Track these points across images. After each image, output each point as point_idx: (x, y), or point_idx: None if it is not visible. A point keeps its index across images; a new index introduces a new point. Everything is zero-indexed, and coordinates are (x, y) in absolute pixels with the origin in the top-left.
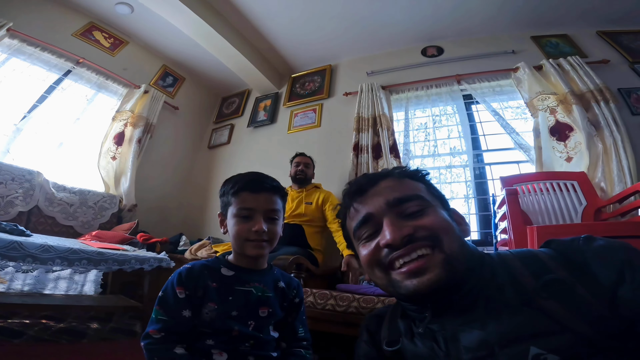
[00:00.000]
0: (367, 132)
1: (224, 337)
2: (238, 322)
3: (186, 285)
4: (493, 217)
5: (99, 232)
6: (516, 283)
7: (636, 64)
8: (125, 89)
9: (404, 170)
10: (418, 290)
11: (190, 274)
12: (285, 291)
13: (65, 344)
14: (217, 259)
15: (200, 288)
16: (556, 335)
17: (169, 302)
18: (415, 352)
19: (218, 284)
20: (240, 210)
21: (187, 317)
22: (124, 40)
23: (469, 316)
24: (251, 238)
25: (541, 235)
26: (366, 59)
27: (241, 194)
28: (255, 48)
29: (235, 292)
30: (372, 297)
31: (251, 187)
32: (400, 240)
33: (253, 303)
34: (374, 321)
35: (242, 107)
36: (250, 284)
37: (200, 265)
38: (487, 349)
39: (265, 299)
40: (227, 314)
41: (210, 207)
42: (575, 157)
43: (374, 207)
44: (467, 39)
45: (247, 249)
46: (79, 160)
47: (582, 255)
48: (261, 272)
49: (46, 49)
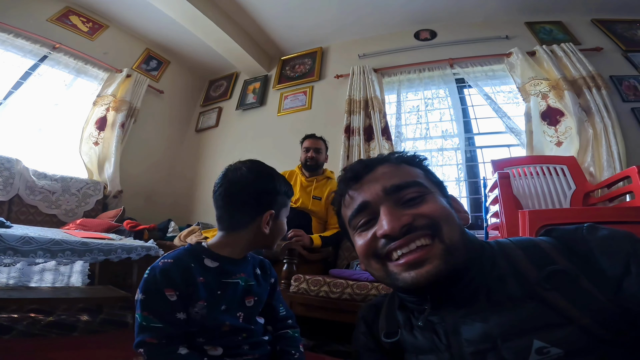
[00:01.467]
0: (358, 114)
1: (215, 333)
2: (228, 315)
3: (176, 285)
4: (484, 201)
5: (84, 220)
6: (518, 274)
7: (629, 52)
8: (106, 74)
9: (401, 155)
10: (416, 282)
11: (178, 270)
12: (262, 275)
13: (55, 337)
14: (196, 248)
15: (191, 285)
16: (559, 328)
17: (157, 307)
18: (414, 344)
19: (206, 279)
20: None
21: (183, 319)
22: (104, 24)
23: (470, 308)
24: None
25: (532, 219)
26: (358, 42)
27: (286, 199)
28: (243, 31)
29: (222, 285)
30: (365, 284)
31: (290, 194)
32: (399, 230)
33: (240, 294)
34: (371, 311)
35: (230, 90)
36: (237, 274)
37: (184, 257)
38: (489, 342)
39: (249, 288)
40: (217, 310)
41: (199, 192)
42: (565, 142)
43: (370, 194)
44: (460, 23)
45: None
46: (60, 147)
47: (586, 245)
48: (242, 261)
49: (20, 35)
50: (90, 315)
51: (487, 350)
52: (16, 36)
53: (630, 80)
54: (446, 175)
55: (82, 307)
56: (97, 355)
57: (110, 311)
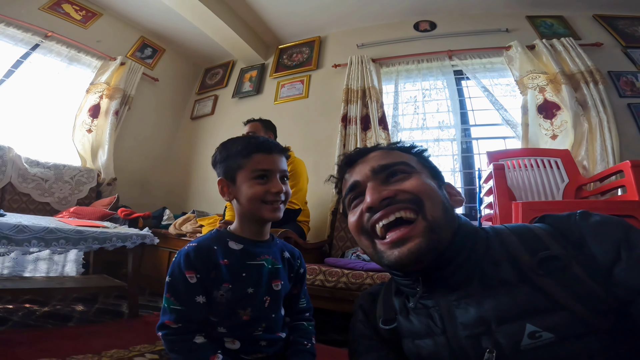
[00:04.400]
0: (356, 103)
1: (236, 322)
2: (254, 299)
3: (197, 268)
4: (478, 192)
5: (77, 209)
6: (512, 259)
7: (629, 48)
8: (100, 61)
9: (396, 143)
10: (400, 260)
11: (199, 253)
12: (291, 261)
13: (51, 328)
14: (221, 232)
15: (212, 269)
16: (551, 313)
17: (179, 289)
18: (411, 329)
19: (230, 260)
20: (255, 172)
21: (202, 303)
22: (97, 12)
23: (463, 291)
24: (269, 199)
25: (526, 211)
26: (357, 32)
27: (255, 156)
28: (240, 19)
29: (247, 267)
30: (361, 272)
31: (265, 148)
32: (379, 202)
33: (266, 277)
34: (368, 299)
35: (226, 78)
36: (261, 256)
37: (208, 241)
38: (484, 326)
39: (275, 271)
40: (243, 293)
41: (194, 179)
42: (560, 135)
43: (360, 174)
44: (461, 14)
45: (264, 212)
46: (52, 134)
47: (578, 231)
48: (268, 243)
49: (11, 23)
50: (85, 305)
51: (481, 333)
52: (7, 25)
53: (628, 76)
54: (441, 166)
55: (77, 297)
56: (93, 346)
57: (106, 301)
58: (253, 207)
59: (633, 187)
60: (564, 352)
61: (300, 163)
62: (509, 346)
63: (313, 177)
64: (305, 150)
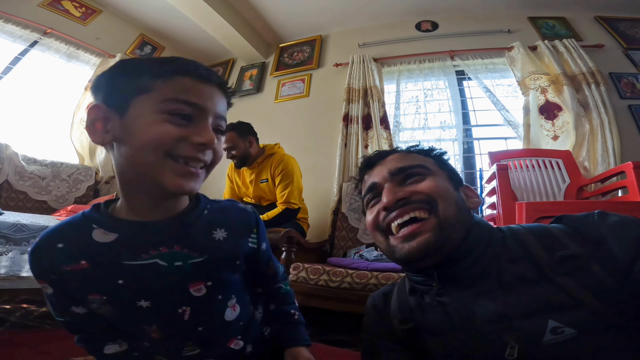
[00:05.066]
0: (357, 103)
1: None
2: (158, 314)
3: (43, 276)
4: (480, 192)
5: (75, 207)
6: (530, 257)
7: (630, 50)
8: (99, 59)
9: (415, 146)
10: (410, 253)
11: (38, 256)
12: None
13: (49, 329)
14: (86, 215)
15: (61, 278)
16: (572, 309)
17: (47, 298)
18: (427, 327)
19: (89, 262)
20: (176, 104)
21: (84, 313)
22: (97, 9)
23: (480, 288)
24: (184, 153)
25: (529, 211)
26: (358, 31)
27: (180, 79)
28: (241, 17)
29: (124, 270)
30: (365, 272)
31: (201, 73)
32: (395, 202)
33: (170, 281)
34: (381, 300)
35: (226, 76)
36: (151, 251)
37: (53, 235)
38: (505, 321)
39: (191, 270)
40: (130, 306)
41: None
42: (561, 136)
43: (378, 177)
44: (463, 15)
45: (167, 174)
46: (49, 132)
47: (597, 230)
48: (176, 222)
49: (10, 20)
50: None
51: (503, 329)
52: (6, 21)
53: (629, 77)
54: None
55: None
56: None
57: None
58: (149, 160)
59: (635, 188)
60: (585, 347)
61: (290, 159)
62: (531, 341)
63: (313, 177)
64: (305, 150)
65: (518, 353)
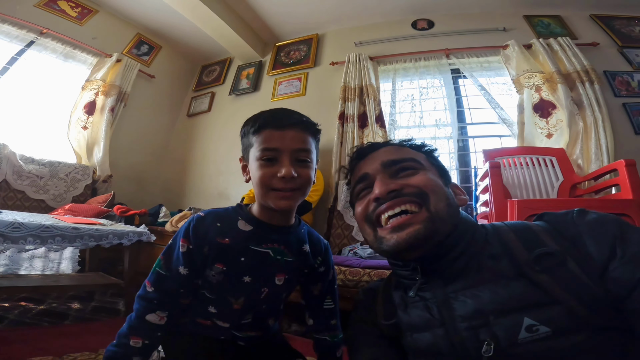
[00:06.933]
0: (353, 101)
1: (226, 309)
2: (249, 289)
3: (191, 238)
4: (474, 190)
5: (73, 206)
6: (509, 254)
7: (625, 48)
8: (95, 58)
9: (407, 140)
10: (397, 244)
11: (199, 225)
12: (309, 257)
13: (47, 326)
14: (237, 208)
15: (207, 244)
16: (548, 307)
17: (171, 253)
18: (409, 322)
19: (231, 241)
20: (263, 152)
21: (184, 274)
22: (93, 9)
23: (460, 283)
24: (277, 186)
25: (521, 208)
26: (354, 30)
27: (264, 132)
28: (238, 16)
29: (248, 252)
30: (358, 270)
31: (275, 122)
32: (387, 194)
33: (269, 267)
34: (368, 295)
35: (223, 75)
36: (269, 244)
37: (214, 215)
38: (482, 318)
39: (282, 264)
40: (238, 279)
41: (190, 176)
42: (555, 134)
43: (370, 168)
44: (458, 13)
45: (272, 200)
46: (47, 131)
47: (575, 228)
48: (285, 230)
49: (6, 20)
50: (81, 302)
51: (479, 326)
52: (2, 22)
53: (623, 75)
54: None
55: (73, 295)
56: (89, 344)
57: (102, 298)
58: (260, 192)
59: (627, 186)
60: (559, 345)
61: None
62: (506, 339)
63: None
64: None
65: (494, 350)
